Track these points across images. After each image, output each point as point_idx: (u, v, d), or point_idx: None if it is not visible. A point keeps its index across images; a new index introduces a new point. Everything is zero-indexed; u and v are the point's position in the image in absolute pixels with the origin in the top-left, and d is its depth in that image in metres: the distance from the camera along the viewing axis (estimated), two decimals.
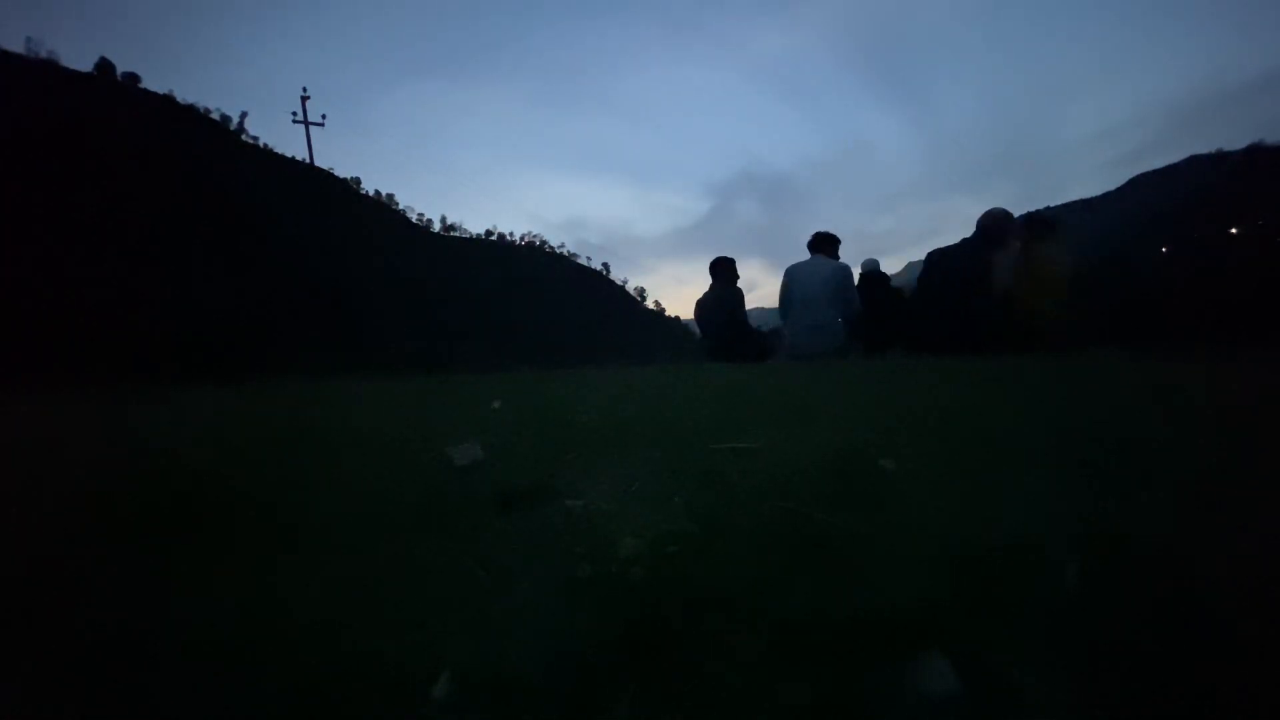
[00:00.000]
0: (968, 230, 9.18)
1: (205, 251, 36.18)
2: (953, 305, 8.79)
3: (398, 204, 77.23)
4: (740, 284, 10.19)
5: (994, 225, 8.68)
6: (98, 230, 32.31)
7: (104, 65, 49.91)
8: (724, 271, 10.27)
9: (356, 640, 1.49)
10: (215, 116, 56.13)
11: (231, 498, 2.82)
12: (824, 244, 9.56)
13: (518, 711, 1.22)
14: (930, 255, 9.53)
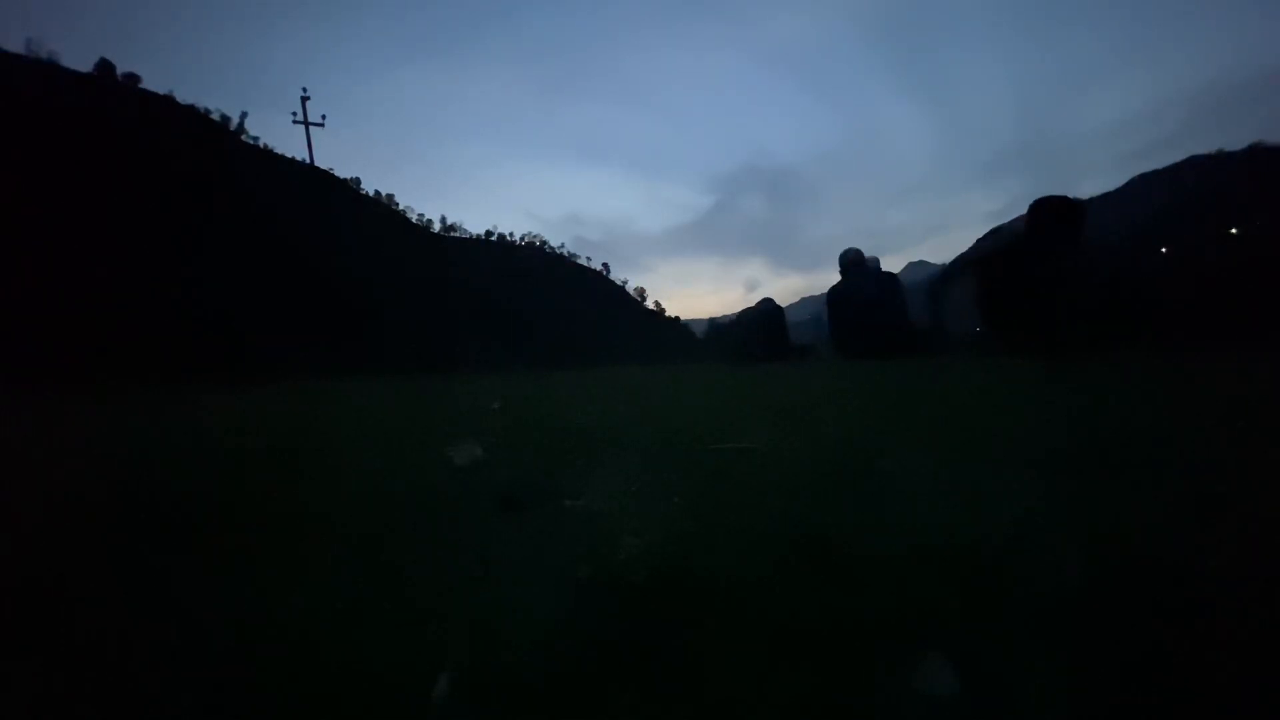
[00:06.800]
0: (974, 226, 9.70)
1: (205, 252, 36.13)
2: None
3: (397, 204, 77.02)
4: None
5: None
6: (98, 230, 32.29)
7: (104, 65, 49.81)
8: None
9: (356, 639, 1.49)
10: (215, 117, 56.01)
11: (232, 497, 2.82)
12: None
13: (518, 710, 1.22)
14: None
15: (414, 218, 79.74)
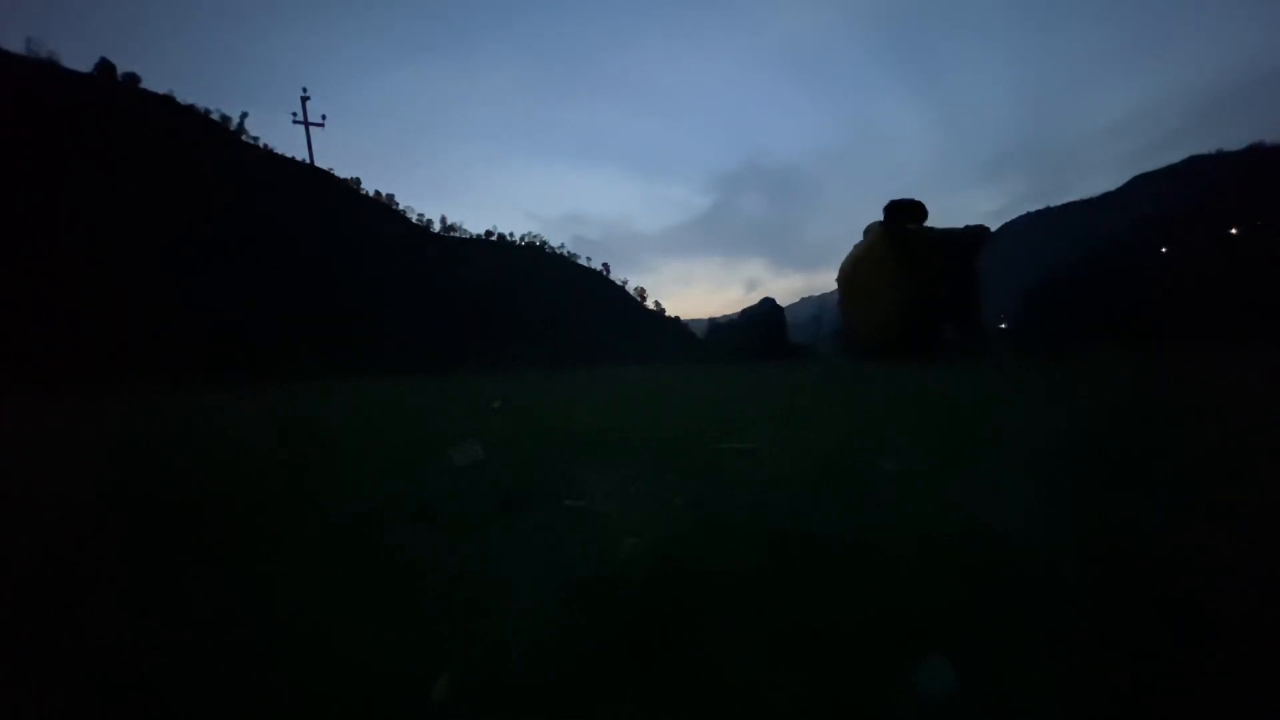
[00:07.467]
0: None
1: (205, 252, 36.13)
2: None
3: (398, 204, 76.75)
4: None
5: None
6: (98, 231, 32.28)
7: (104, 65, 49.74)
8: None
9: (358, 639, 1.50)
10: (215, 117, 55.84)
11: (235, 497, 2.83)
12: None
13: (518, 710, 1.23)
14: None
15: (414, 218, 79.60)
